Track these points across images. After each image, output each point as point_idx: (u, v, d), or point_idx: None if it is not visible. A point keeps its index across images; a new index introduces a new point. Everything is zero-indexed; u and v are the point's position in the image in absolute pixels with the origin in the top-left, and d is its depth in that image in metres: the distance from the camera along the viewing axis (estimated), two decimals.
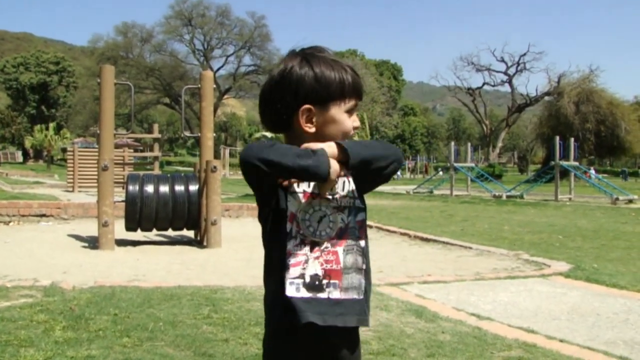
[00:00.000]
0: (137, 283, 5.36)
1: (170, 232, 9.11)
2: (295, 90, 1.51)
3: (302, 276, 1.49)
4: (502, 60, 65.55)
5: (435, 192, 25.18)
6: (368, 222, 1.64)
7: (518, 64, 64.52)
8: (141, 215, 8.13)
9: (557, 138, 22.34)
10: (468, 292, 5.35)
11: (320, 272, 1.50)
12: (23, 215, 11.10)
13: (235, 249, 8.10)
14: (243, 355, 3.37)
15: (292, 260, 1.49)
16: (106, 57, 55.99)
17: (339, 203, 1.55)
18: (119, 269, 6.44)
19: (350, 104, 1.56)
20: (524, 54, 63.81)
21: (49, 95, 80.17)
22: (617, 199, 19.48)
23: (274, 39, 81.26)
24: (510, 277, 6.11)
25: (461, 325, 4.19)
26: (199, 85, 8.97)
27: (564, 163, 22.13)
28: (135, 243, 8.57)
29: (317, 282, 1.50)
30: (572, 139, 23.88)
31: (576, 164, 23.79)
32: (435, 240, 8.95)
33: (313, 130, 1.52)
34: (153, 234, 9.14)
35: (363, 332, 3.92)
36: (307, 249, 1.51)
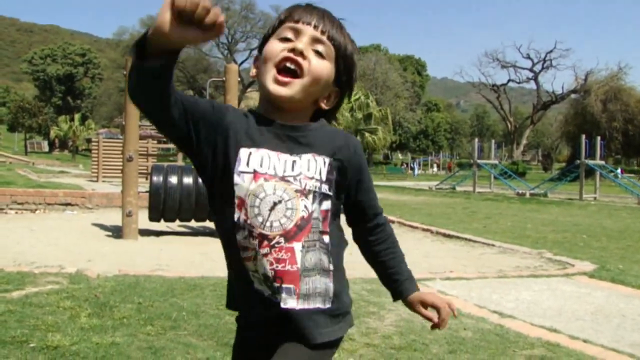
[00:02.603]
0: (160, 273, 5.42)
1: (193, 223, 9.18)
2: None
3: (257, 272, 1.26)
4: (528, 57, 64.83)
5: (458, 188, 25.01)
6: (390, 217, 1.49)
7: (544, 60, 63.75)
8: (165, 206, 8.20)
9: (583, 136, 22.02)
10: (490, 290, 5.31)
11: (270, 274, 1.25)
12: (49, 204, 11.27)
13: None
14: None
15: (244, 254, 1.26)
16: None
17: (303, 185, 1.26)
18: (143, 259, 6.51)
19: (282, 28, 1.33)
20: (551, 51, 63.05)
21: (74, 87, 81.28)
22: None
23: None
24: (534, 276, 6.06)
25: (483, 322, 4.16)
26: (224, 78, 9.00)
27: (590, 162, 21.83)
28: (158, 233, 8.66)
29: (269, 283, 1.26)
30: (599, 138, 23.53)
31: (602, 163, 23.44)
32: (457, 237, 8.89)
33: (255, 72, 1.37)
34: (176, 225, 9.22)
35: (384, 326, 3.92)
36: (255, 242, 1.25)
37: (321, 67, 1.31)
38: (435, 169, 58.78)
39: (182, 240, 8.29)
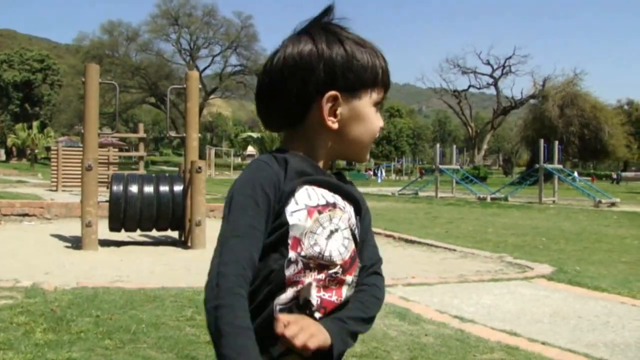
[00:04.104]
0: (120, 284, 5.32)
1: (154, 233, 9.05)
2: (321, 73, 1.16)
3: (296, 297, 1.14)
4: (488, 63, 66.05)
5: (421, 193, 25.27)
6: None
7: (503, 66, 65.04)
8: (125, 215, 8.08)
9: (542, 141, 22.52)
10: (452, 295, 5.37)
11: (315, 301, 1.14)
12: (5, 215, 10.98)
13: None
14: None
15: (289, 289, 1.14)
16: (91, 55, 55.57)
17: (350, 217, 1.20)
18: (102, 270, 6.39)
19: (379, 95, 1.23)
20: (510, 57, 64.33)
21: (32, 94, 79.36)
22: (599, 201, 19.68)
23: (261, 39, 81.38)
24: (494, 280, 6.15)
25: (444, 327, 4.21)
26: (185, 85, 8.93)
27: (548, 166, 22.32)
28: (119, 243, 8.51)
29: (306, 309, 1.14)
30: (557, 142, 24.10)
31: (560, 167, 24.00)
32: (419, 242, 8.98)
33: (336, 126, 1.18)
34: (137, 235, 9.08)
35: None
36: (313, 274, 1.14)
37: None
38: (393, 175, 58.87)
39: (143, 251, 8.17)
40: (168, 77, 59.13)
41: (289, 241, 1.13)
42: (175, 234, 9.18)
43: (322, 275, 1.14)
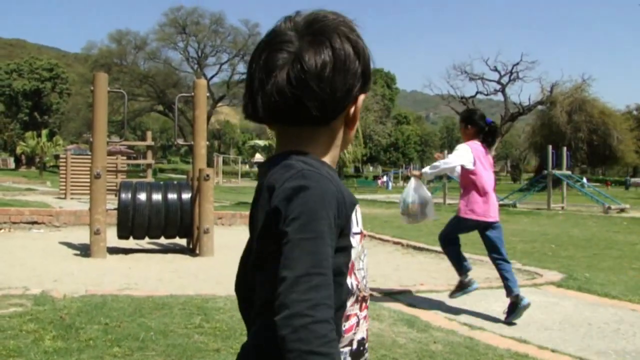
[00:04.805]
0: (128, 292, 5.33)
1: (162, 240, 9.07)
2: (361, 75, 1.10)
3: (350, 343, 1.12)
4: (495, 70, 65.68)
5: None
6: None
7: (511, 73, 64.65)
8: (133, 223, 8.10)
9: (550, 147, 22.42)
10: (460, 302, 5.34)
11: (365, 335, 1.16)
12: (14, 223, 11.03)
13: (228, 257, 8.06)
14: None
15: (346, 325, 1.10)
16: (100, 64, 55.88)
17: None
18: (111, 278, 6.40)
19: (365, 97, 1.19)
20: (517, 64, 63.92)
21: (42, 102, 79.95)
22: (609, 207, 19.56)
23: None
24: (503, 287, 6.11)
25: (453, 335, 4.19)
26: (193, 94, 8.97)
27: (557, 172, 22.22)
28: (127, 251, 8.53)
29: (361, 348, 1.14)
30: (565, 148, 23.97)
31: (569, 172, 23.88)
32: (428, 250, 8.94)
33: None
34: (145, 242, 9.10)
35: None
36: (357, 307, 1.12)
37: None
38: (401, 182, 58.68)
39: (152, 258, 8.18)
40: (176, 85, 59.36)
41: (349, 266, 1.08)
42: (183, 242, 9.20)
43: (364, 311, 1.13)
